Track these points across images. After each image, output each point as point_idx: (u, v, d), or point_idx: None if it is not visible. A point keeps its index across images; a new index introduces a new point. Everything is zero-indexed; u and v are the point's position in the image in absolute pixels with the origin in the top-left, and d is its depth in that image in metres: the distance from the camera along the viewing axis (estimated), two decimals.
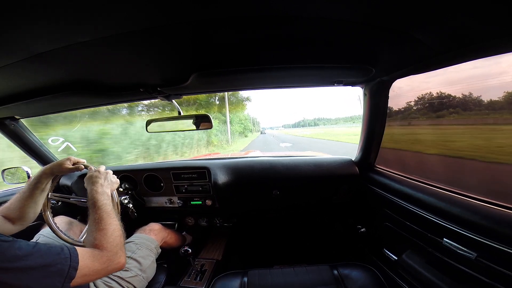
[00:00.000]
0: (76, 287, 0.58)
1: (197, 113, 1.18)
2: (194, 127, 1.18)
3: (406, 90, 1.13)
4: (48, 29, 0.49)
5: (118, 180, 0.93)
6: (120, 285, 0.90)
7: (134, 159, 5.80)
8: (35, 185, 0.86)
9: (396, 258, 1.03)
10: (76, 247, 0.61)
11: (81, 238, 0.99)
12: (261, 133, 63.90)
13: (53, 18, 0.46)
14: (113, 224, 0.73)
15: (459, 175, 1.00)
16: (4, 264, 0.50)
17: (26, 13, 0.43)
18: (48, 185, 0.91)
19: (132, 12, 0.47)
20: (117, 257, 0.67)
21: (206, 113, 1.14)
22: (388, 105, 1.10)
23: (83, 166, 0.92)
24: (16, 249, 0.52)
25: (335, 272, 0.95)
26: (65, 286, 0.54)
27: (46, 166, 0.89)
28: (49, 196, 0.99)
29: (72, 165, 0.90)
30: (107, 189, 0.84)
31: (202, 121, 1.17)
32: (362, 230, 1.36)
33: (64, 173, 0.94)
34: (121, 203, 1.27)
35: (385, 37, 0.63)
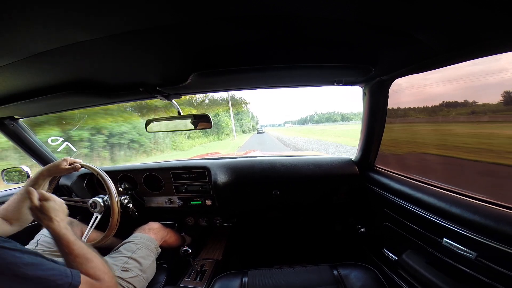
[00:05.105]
0: None
1: (195, 113, 1.18)
2: (193, 126, 1.19)
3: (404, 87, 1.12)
4: (48, 29, 0.49)
5: (61, 206, 0.76)
6: (121, 285, 0.89)
7: None
8: (32, 186, 0.85)
9: (396, 258, 1.03)
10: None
11: (84, 239, 0.99)
12: (257, 132, 53.04)
13: (52, 17, 0.46)
14: (84, 248, 0.67)
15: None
16: (3, 269, 0.49)
17: (25, 13, 0.43)
18: (45, 187, 0.91)
19: (131, 12, 0.46)
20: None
21: (205, 113, 1.14)
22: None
23: (80, 166, 0.93)
24: (17, 257, 0.52)
25: (335, 272, 0.95)
26: None
27: (43, 168, 0.89)
28: None
29: (69, 165, 0.90)
30: (61, 220, 0.71)
31: (200, 121, 1.17)
32: (362, 230, 1.36)
33: (62, 174, 0.94)
34: (121, 203, 1.27)
35: (385, 37, 0.62)
